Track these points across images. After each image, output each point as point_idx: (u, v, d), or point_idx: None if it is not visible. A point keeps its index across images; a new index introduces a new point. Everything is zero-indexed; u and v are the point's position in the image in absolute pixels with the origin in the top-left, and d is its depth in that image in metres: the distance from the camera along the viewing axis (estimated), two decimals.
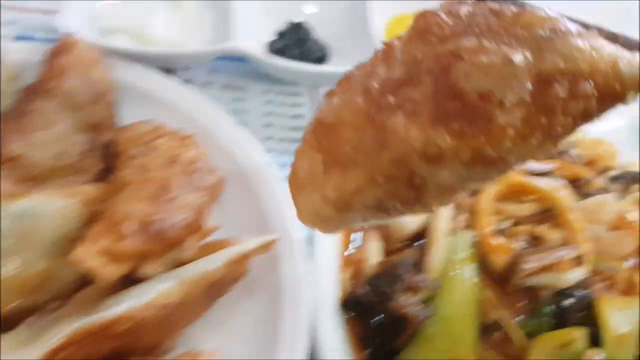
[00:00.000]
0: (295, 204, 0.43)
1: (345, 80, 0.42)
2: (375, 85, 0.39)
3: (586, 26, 0.34)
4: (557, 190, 0.82)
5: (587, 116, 0.33)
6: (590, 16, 0.37)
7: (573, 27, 0.33)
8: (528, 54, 0.33)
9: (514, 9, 0.36)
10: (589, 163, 0.91)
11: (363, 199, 0.38)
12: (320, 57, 1.09)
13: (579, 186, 0.85)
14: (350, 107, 0.39)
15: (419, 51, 0.37)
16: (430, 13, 0.38)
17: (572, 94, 0.32)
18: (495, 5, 0.37)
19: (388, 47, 0.40)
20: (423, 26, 0.38)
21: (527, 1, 0.38)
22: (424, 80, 0.36)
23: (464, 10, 0.37)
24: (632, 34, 0.35)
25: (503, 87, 0.33)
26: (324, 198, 0.40)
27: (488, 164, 0.35)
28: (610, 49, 0.33)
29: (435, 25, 0.37)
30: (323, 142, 0.40)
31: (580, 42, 0.33)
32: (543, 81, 0.32)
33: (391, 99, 0.37)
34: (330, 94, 0.42)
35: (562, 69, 0.32)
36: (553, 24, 0.34)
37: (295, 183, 0.42)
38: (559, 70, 0.32)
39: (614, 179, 0.88)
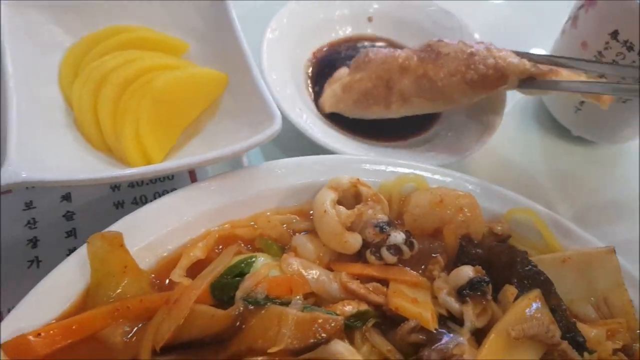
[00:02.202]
0: (325, 90, 0.73)
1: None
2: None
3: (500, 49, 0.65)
4: None
5: (486, 79, 0.62)
6: None
7: (495, 47, 0.65)
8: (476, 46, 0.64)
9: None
10: None
11: (359, 86, 0.68)
12: None
13: None
14: (378, 50, 0.71)
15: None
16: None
17: (481, 61, 0.62)
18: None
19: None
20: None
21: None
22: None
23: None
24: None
25: (453, 52, 0.64)
26: (339, 83, 0.70)
27: (432, 85, 0.64)
28: (510, 56, 0.63)
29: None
30: (358, 61, 0.72)
31: (495, 50, 0.63)
32: (472, 54, 0.63)
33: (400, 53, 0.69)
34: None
35: (485, 53, 0.63)
36: (487, 46, 0.65)
37: (330, 80, 0.73)
38: (482, 53, 0.63)
39: None
